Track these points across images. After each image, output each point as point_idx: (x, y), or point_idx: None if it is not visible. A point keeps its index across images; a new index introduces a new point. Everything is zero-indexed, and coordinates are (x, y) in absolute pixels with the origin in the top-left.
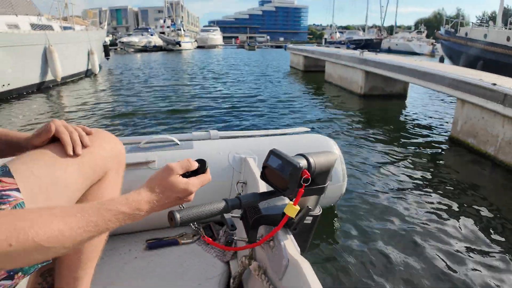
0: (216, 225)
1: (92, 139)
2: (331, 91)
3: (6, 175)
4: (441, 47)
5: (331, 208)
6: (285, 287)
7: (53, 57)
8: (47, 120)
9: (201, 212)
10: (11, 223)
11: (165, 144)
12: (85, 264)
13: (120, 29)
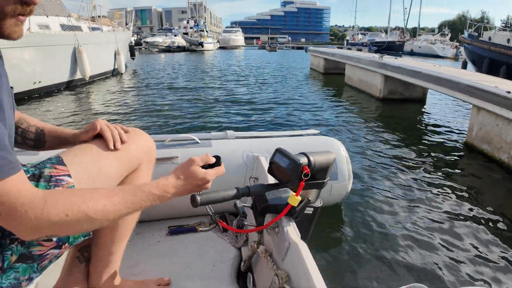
0: (231, 215)
1: (129, 136)
2: (350, 93)
3: (60, 163)
4: (464, 51)
5: (337, 205)
6: (286, 266)
7: (82, 57)
8: (76, 116)
9: (217, 196)
10: (68, 198)
11: (187, 142)
12: (118, 241)
13: (144, 29)
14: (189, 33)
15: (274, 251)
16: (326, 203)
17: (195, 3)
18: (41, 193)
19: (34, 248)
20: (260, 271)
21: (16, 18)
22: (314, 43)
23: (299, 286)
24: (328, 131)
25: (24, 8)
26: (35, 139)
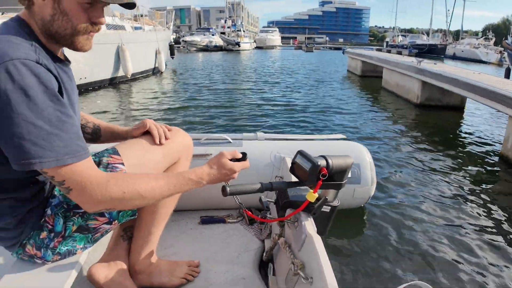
0: (256, 210)
1: (172, 134)
2: (387, 98)
3: (116, 153)
4: (508, 57)
5: (360, 208)
6: (302, 256)
7: (125, 55)
8: (118, 111)
9: (244, 189)
10: (125, 179)
11: (220, 141)
12: (158, 222)
13: (183, 28)
14: (227, 33)
15: (292, 243)
16: (348, 205)
17: (233, 3)
18: (105, 175)
19: (90, 221)
20: (280, 261)
21: (87, 35)
22: (352, 43)
23: (311, 273)
24: (360, 136)
25: (93, 27)
26: (92, 133)
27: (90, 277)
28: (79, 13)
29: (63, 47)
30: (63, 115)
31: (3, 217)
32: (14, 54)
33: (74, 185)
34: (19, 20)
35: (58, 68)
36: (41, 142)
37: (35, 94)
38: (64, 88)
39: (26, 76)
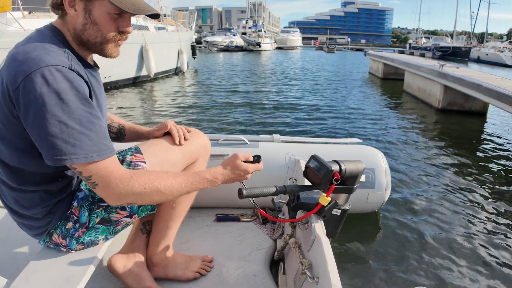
0: (270, 211)
1: (191, 135)
2: (408, 102)
3: (138, 152)
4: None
5: (374, 213)
6: (310, 256)
7: (148, 55)
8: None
9: (259, 191)
10: (146, 176)
11: (237, 142)
12: (175, 218)
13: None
14: (247, 33)
15: (302, 243)
16: (362, 209)
17: (255, 3)
18: (128, 172)
19: (113, 214)
20: (290, 260)
21: (115, 43)
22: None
23: (317, 273)
24: (378, 140)
25: (121, 35)
26: (117, 132)
27: (110, 266)
28: (108, 22)
29: (93, 53)
30: (92, 116)
31: (34, 208)
32: (49, 61)
33: (100, 180)
34: (53, 28)
35: (88, 73)
36: (72, 141)
37: (67, 98)
38: (93, 92)
39: (60, 81)
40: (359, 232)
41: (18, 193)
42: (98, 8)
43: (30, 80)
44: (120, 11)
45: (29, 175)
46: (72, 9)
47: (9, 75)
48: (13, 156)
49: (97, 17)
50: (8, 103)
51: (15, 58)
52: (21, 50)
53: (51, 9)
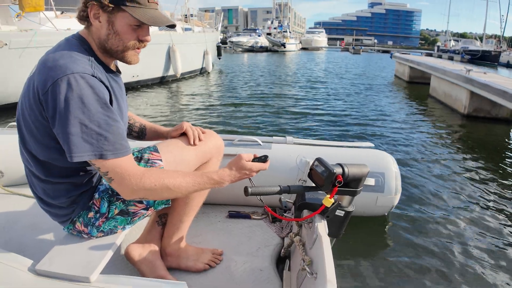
0: (280, 210)
1: (205, 136)
2: (433, 106)
3: (156, 151)
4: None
5: (383, 217)
6: (312, 254)
7: (175, 55)
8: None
9: (263, 190)
10: (157, 174)
11: (251, 143)
12: (188, 213)
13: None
14: (272, 34)
15: (306, 241)
16: (371, 212)
17: (280, 3)
18: (141, 169)
19: (130, 207)
20: (295, 258)
21: (135, 50)
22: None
23: (316, 270)
24: (397, 144)
25: (140, 44)
26: (138, 132)
27: (127, 254)
28: (129, 33)
29: (116, 60)
30: (111, 119)
31: (59, 198)
32: (75, 68)
33: (115, 176)
34: (79, 38)
35: (110, 79)
36: (90, 140)
37: (89, 102)
38: (114, 96)
39: (83, 87)
40: (367, 235)
41: (46, 184)
42: (120, 20)
43: (57, 85)
44: (139, 23)
45: (56, 168)
46: (96, 20)
47: (39, 80)
48: (42, 151)
49: (119, 28)
50: (38, 105)
51: (45, 65)
52: (50, 57)
53: (78, 21)
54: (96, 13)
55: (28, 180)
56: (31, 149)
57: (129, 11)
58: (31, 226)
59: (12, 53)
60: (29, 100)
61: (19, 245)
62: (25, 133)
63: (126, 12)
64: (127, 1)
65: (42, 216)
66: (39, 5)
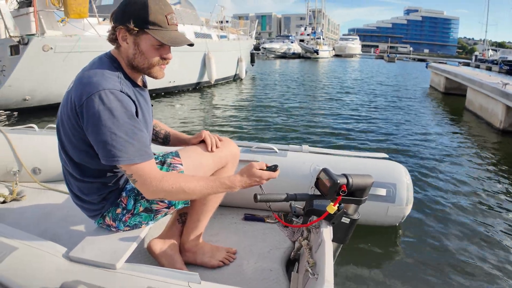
0: (294, 215)
1: (222, 144)
2: (468, 120)
3: (177, 156)
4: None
5: (394, 228)
6: (316, 257)
7: (210, 62)
8: (200, 114)
9: (271, 197)
10: (175, 178)
11: (268, 150)
12: (205, 213)
13: (263, 35)
14: (305, 40)
15: (313, 245)
16: (382, 222)
17: (314, 10)
18: (161, 173)
19: (154, 205)
20: (303, 261)
21: (159, 66)
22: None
23: (317, 272)
24: (423, 157)
25: (163, 61)
26: (163, 138)
27: (149, 248)
28: (153, 52)
29: (143, 75)
30: (136, 129)
31: (92, 195)
32: (106, 85)
33: (138, 178)
34: (111, 57)
35: (137, 93)
36: (119, 147)
37: (117, 114)
38: (140, 108)
39: (113, 101)
40: (376, 244)
41: (81, 183)
42: (144, 41)
43: (91, 99)
44: (161, 44)
45: (89, 169)
46: (124, 42)
47: (76, 94)
48: (77, 155)
49: (143, 48)
50: (75, 115)
51: (81, 81)
52: (86, 74)
53: (109, 42)
54: (123, 36)
55: (65, 179)
56: (69, 152)
57: (151, 34)
58: (64, 219)
59: (57, 56)
60: (67, 110)
61: (53, 235)
62: (63, 138)
63: (149, 35)
64: (149, 25)
65: (74, 210)
66: (83, 12)
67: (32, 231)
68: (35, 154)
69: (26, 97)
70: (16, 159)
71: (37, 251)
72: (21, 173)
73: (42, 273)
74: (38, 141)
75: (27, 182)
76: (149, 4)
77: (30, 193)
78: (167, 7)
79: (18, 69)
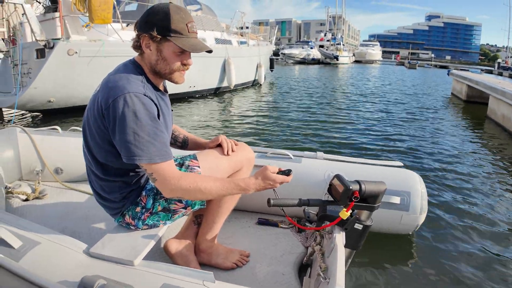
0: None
1: (238, 148)
2: (490, 129)
3: (195, 159)
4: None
5: (408, 236)
6: (328, 262)
7: (230, 68)
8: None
9: (285, 202)
10: (192, 178)
11: (282, 156)
12: (220, 215)
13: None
14: (325, 46)
15: (325, 250)
16: (396, 230)
17: (334, 16)
18: (180, 173)
19: (172, 205)
20: (315, 266)
21: (180, 72)
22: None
23: (329, 276)
24: (439, 168)
25: (184, 67)
26: (182, 142)
27: (165, 247)
28: (174, 58)
29: (164, 81)
30: (158, 130)
31: (113, 193)
32: (130, 89)
33: (158, 177)
34: (135, 63)
35: (158, 97)
36: (141, 147)
37: (141, 116)
38: (161, 112)
39: (136, 104)
40: (389, 252)
41: (103, 182)
42: (166, 48)
43: (116, 102)
44: (182, 50)
45: (112, 169)
46: (148, 49)
47: (103, 97)
48: (101, 154)
49: (166, 55)
50: (101, 117)
51: (107, 85)
52: (111, 78)
53: (133, 49)
54: (147, 43)
55: (88, 178)
56: (93, 152)
57: (173, 41)
58: (84, 218)
59: (82, 60)
60: (93, 112)
61: (73, 232)
62: (89, 139)
63: (171, 42)
64: (171, 33)
65: (93, 209)
66: (107, 18)
67: (53, 228)
68: (58, 155)
69: (50, 99)
70: (40, 159)
71: (58, 246)
72: (44, 172)
73: (63, 267)
74: (61, 142)
75: (49, 181)
76: (171, 14)
77: (52, 192)
78: (188, 17)
79: (44, 72)
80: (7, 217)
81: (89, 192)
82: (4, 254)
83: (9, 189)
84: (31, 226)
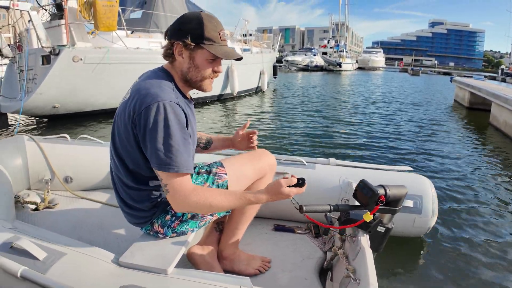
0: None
1: (261, 154)
2: (492, 136)
3: (221, 166)
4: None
5: (419, 238)
6: (355, 264)
7: (233, 75)
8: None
9: (317, 208)
10: (202, 193)
11: (296, 163)
12: (243, 222)
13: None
14: (328, 53)
15: (349, 254)
16: (409, 233)
17: (338, 23)
18: (191, 188)
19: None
20: (337, 269)
21: (209, 80)
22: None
23: (360, 277)
24: (444, 172)
25: (214, 74)
26: (205, 143)
27: (189, 255)
28: (206, 65)
29: (193, 89)
30: (186, 140)
31: (144, 202)
32: (163, 97)
33: (171, 189)
34: (164, 70)
35: (186, 106)
36: (171, 155)
37: (172, 125)
38: (189, 120)
39: (169, 113)
40: (403, 254)
41: (133, 191)
42: (199, 55)
43: (149, 109)
44: (214, 57)
45: (142, 176)
46: (180, 57)
47: (134, 104)
48: (132, 162)
49: (198, 62)
50: (131, 124)
51: (139, 92)
52: (143, 86)
53: (163, 57)
54: (180, 50)
55: (116, 186)
56: (124, 160)
57: (206, 48)
58: (99, 227)
59: (87, 67)
60: (123, 119)
61: (90, 242)
62: (118, 146)
63: (204, 49)
64: (205, 40)
65: (107, 218)
66: (112, 25)
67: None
68: (68, 164)
69: (55, 105)
70: (49, 168)
71: (85, 256)
72: (53, 181)
73: (94, 277)
74: (71, 151)
75: (58, 190)
76: (204, 22)
77: (63, 201)
78: (219, 25)
79: (49, 78)
80: (23, 226)
81: (101, 201)
82: (29, 266)
83: (18, 198)
84: (51, 236)
